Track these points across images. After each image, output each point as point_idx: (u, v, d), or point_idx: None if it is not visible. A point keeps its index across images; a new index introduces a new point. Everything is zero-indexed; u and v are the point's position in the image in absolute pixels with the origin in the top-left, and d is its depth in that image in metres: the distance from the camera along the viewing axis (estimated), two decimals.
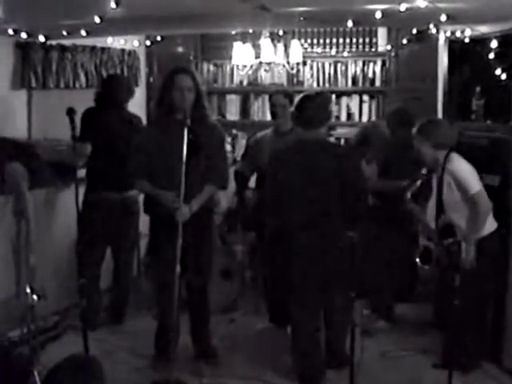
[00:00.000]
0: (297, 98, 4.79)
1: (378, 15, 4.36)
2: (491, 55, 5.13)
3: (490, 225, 4.53)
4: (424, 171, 4.69)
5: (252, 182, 5.79)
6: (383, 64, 6.81)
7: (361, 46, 6.83)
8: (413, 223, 5.20)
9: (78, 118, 3.57)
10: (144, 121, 6.15)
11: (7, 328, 4.81)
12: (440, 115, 6.39)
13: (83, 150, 5.33)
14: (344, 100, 7.00)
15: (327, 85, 6.98)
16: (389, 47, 6.67)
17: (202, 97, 4.61)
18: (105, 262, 5.72)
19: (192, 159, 4.25)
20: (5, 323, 4.81)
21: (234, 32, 6.39)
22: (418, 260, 4.77)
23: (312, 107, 4.57)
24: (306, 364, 4.66)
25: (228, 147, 6.56)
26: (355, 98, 6.97)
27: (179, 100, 4.48)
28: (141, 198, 5.12)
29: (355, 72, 6.92)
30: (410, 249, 5.21)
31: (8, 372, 3.72)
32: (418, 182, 4.76)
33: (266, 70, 6.84)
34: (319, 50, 6.91)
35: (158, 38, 6.95)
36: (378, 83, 6.85)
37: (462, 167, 4.47)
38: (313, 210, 4.48)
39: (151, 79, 7.26)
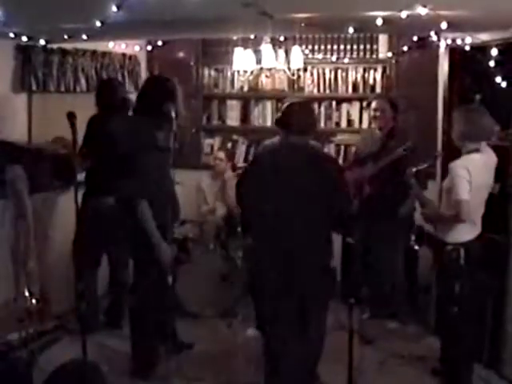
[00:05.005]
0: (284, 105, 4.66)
1: (379, 22, 4.37)
2: (491, 63, 5.13)
3: (468, 233, 4.46)
4: (437, 153, 4.66)
5: None
6: (384, 71, 6.80)
7: (361, 53, 6.82)
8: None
9: (78, 123, 3.56)
10: None
11: (6, 331, 4.81)
12: (440, 123, 6.41)
13: (82, 165, 5.34)
14: (344, 106, 7.00)
15: (328, 91, 6.98)
16: (389, 54, 6.67)
17: None
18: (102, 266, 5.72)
19: None
20: (3, 327, 4.81)
21: (235, 37, 6.39)
22: (413, 239, 4.75)
23: (298, 113, 4.35)
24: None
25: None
26: (356, 105, 6.96)
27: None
28: None
29: (356, 78, 6.91)
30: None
31: (7, 375, 3.72)
32: (426, 164, 4.77)
33: (266, 76, 6.84)
34: (320, 56, 6.91)
35: (159, 43, 6.97)
36: (378, 90, 6.84)
37: (459, 171, 4.36)
38: (289, 215, 4.20)
39: None
